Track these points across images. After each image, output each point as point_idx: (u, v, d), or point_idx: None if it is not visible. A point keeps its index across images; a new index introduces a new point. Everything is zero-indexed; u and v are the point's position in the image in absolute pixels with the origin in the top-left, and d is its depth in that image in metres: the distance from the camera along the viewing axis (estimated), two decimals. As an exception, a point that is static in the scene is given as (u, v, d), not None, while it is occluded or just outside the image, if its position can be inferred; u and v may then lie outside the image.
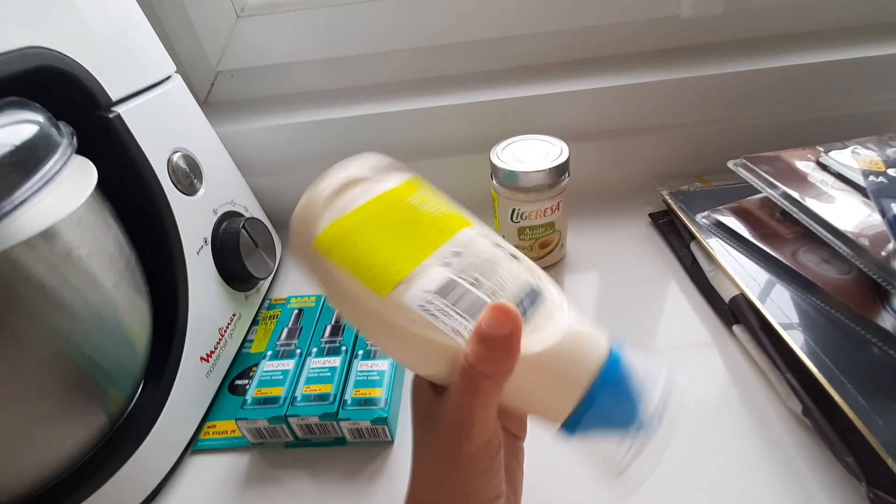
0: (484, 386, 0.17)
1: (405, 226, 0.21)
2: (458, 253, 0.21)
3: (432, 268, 0.20)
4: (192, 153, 0.36)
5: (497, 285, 0.20)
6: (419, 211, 0.22)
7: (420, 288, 0.19)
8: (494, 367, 0.17)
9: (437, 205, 0.23)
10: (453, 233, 0.22)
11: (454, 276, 0.20)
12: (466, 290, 0.20)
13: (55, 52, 0.27)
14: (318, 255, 0.20)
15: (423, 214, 0.22)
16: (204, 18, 0.48)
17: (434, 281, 0.20)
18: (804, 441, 0.29)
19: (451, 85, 0.50)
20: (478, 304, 0.20)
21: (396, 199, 0.22)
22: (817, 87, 0.47)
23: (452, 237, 0.21)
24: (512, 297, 0.20)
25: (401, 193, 0.22)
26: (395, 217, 0.21)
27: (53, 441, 0.26)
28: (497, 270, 0.21)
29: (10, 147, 0.21)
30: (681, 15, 0.49)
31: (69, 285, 0.23)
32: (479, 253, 0.21)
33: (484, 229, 0.23)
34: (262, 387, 0.33)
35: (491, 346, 0.17)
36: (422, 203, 0.22)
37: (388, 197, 0.22)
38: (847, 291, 0.33)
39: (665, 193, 0.47)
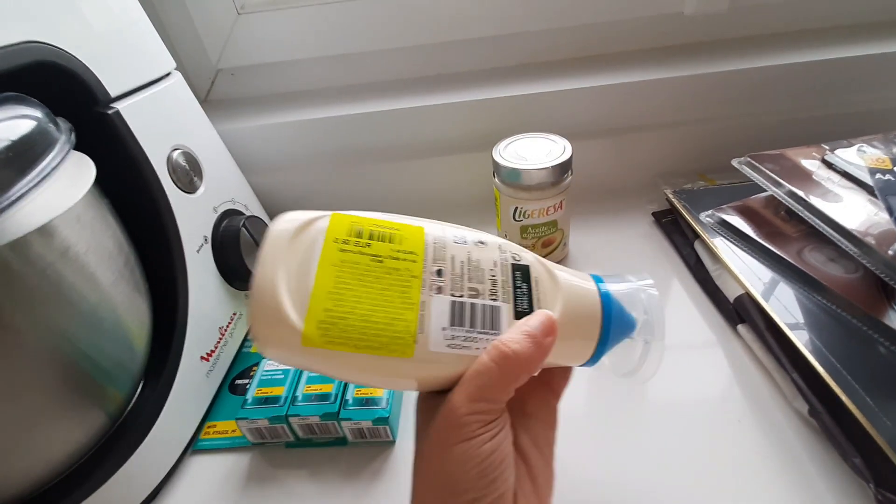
0: (514, 371, 0.19)
1: (372, 271, 0.20)
2: (439, 271, 0.21)
3: (431, 301, 0.20)
4: (192, 151, 0.36)
5: (491, 283, 0.21)
6: (372, 247, 0.20)
7: (435, 327, 0.19)
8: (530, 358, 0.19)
9: (381, 228, 0.21)
10: (420, 251, 0.21)
11: (454, 297, 0.20)
12: (472, 304, 0.20)
13: (53, 48, 0.26)
14: (313, 350, 0.18)
15: (379, 248, 0.20)
16: (204, 16, 0.47)
17: (443, 314, 0.20)
18: (810, 441, 0.28)
19: (453, 82, 0.50)
20: (490, 311, 0.20)
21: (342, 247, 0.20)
22: (822, 84, 0.47)
23: (422, 257, 0.21)
24: (509, 285, 0.21)
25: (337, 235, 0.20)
26: (357, 267, 0.20)
27: (52, 440, 0.25)
28: (481, 267, 0.21)
29: (6, 142, 0.21)
30: (684, 12, 0.48)
31: (67, 282, 0.23)
32: (455, 258, 0.21)
33: (432, 225, 0.22)
34: (262, 386, 0.33)
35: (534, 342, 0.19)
36: (367, 238, 0.21)
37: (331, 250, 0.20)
38: (853, 290, 0.33)
39: (668, 192, 0.46)
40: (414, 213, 0.24)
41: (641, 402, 0.32)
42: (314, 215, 0.21)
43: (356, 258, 0.20)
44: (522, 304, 0.21)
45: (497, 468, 0.18)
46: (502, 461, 0.18)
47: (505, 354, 0.19)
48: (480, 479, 0.18)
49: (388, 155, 0.50)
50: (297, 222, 0.20)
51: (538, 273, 0.22)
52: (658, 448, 0.30)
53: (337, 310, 0.19)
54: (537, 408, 0.22)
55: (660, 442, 0.30)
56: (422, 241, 0.21)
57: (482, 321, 0.20)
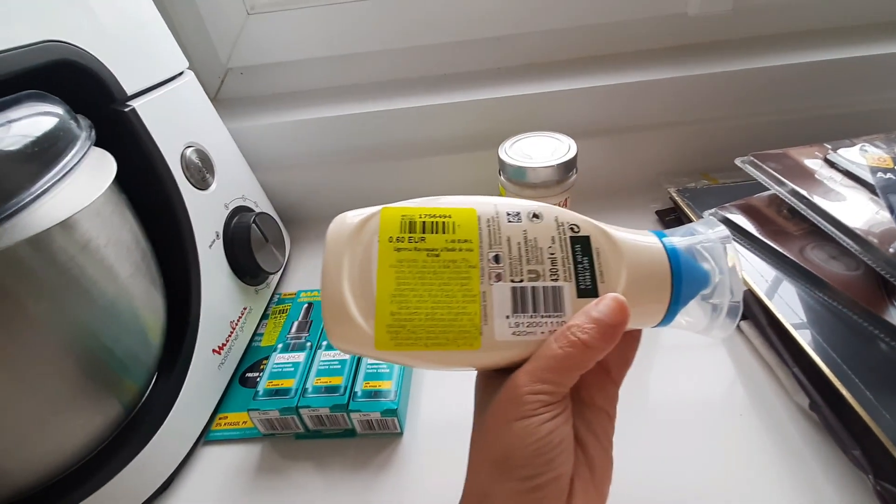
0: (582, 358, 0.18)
1: (430, 267, 0.20)
2: (497, 257, 0.20)
3: (492, 290, 0.20)
4: (204, 148, 0.37)
5: (551, 262, 0.20)
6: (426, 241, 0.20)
7: (499, 316, 0.19)
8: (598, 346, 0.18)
9: (432, 217, 0.21)
10: (474, 237, 0.20)
11: (514, 283, 0.20)
12: (533, 288, 0.20)
13: (73, 46, 0.27)
14: (387, 352, 0.19)
15: (434, 241, 0.20)
16: (215, 16, 0.48)
17: (505, 302, 0.20)
18: (811, 435, 0.29)
19: (459, 82, 0.51)
20: (552, 293, 0.20)
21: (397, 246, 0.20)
22: (825, 84, 0.47)
23: (478, 243, 0.20)
24: (569, 262, 0.20)
25: (390, 233, 0.20)
26: (415, 266, 0.20)
27: (70, 429, 0.26)
28: (538, 246, 0.20)
29: (31, 138, 0.22)
30: (688, 13, 0.49)
31: (87, 275, 0.24)
32: (511, 240, 0.20)
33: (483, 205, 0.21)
34: (273, 378, 0.33)
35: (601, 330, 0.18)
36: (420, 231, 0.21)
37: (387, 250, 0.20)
38: (855, 287, 0.33)
39: (672, 190, 0.47)
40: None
41: (644, 397, 0.33)
42: (366, 214, 0.21)
43: (413, 255, 0.20)
44: (585, 281, 0.20)
45: (555, 449, 0.18)
46: (560, 443, 0.18)
47: (573, 343, 0.18)
48: (537, 456, 0.18)
49: (395, 153, 0.51)
50: (351, 225, 0.20)
51: (599, 243, 0.21)
52: (660, 441, 0.30)
53: (402, 312, 0.19)
54: (597, 396, 0.21)
55: (662, 435, 0.30)
56: (475, 224, 0.21)
57: (545, 304, 0.20)
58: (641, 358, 0.35)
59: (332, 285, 0.19)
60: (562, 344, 0.18)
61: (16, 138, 0.21)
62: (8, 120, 0.22)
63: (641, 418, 0.32)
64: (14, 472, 0.25)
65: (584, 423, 0.21)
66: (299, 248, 0.51)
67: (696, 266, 0.21)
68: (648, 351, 0.36)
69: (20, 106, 0.23)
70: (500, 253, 0.20)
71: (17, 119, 0.22)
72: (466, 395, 0.23)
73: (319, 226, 0.54)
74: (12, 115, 0.22)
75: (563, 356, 0.18)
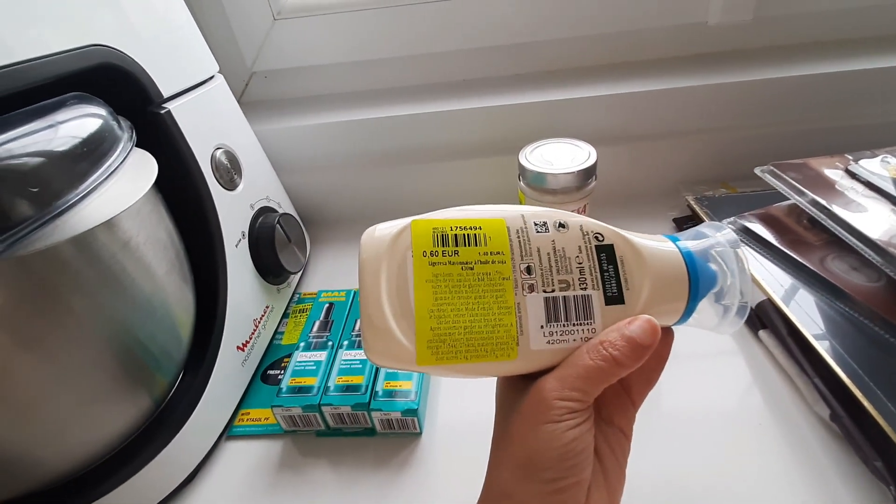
0: (611, 372, 0.19)
1: (466, 281, 0.20)
2: (529, 269, 0.21)
3: (525, 301, 0.20)
4: (232, 150, 0.38)
5: (579, 271, 0.21)
6: (460, 255, 0.21)
7: (534, 327, 0.20)
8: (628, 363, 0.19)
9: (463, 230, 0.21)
10: (506, 249, 0.21)
11: (546, 294, 0.21)
12: (565, 298, 0.21)
13: (115, 51, 0.28)
14: (428, 367, 0.20)
15: (467, 254, 0.21)
16: (242, 21, 0.49)
17: (539, 313, 0.20)
18: (831, 445, 0.29)
19: (480, 88, 0.51)
20: (583, 302, 0.21)
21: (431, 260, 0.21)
22: (845, 95, 0.47)
23: (510, 255, 0.21)
24: (596, 270, 0.21)
25: (423, 247, 0.21)
26: (450, 280, 0.20)
27: (104, 420, 0.27)
28: (567, 256, 0.21)
29: (79, 139, 0.23)
30: (709, 22, 0.49)
31: (127, 272, 0.25)
32: (541, 251, 0.21)
33: (511, 216, 0.22)
34: (296, 376, 0.34)
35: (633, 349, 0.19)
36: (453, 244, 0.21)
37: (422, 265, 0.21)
38: (876, 299, 0.33)
39: (690, 198, 0.47)
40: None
41: (663, 404, 0.33)
42: (397, 228, 0.21)
43: (448, 270, 0.20)
44: (612, 289, 0.21)
45: (578, 455, 0.19)
46: (583, 450, 0.19)
47: (605, 357, 0.19)
48: (562, 461, 0.18)
49: (415, 157, 0.51)
50: (384, 240, 0.21)
51: (622, 251, 0.22)
52: (679, 451, 0.30)
53: (441, 327, 0.20)
54: (616, 416, 0.22)
55: (681, 444, 0.31)
56: (506, 236, 0.21)
57: (576, 313, 0.21)
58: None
59: (373, 303, 0.20)
60: (594, 357, 0.19)
61: (64, 139, 0.22)
62: (57, 121, 0.23)
63: (660, 425, 0.32)
64: (51, 460, 0.26)
65: (603, 437, 0.21)
66: (319, 249, 0.52)
67: (710, 269, 0.22)
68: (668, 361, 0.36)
69: (67, 108, 0.24)
70: (532, 264, 0.21)
71: (65, 121, 0.23)
72: (485, 396, 0.24)
73: (339, 227, 0.55)
74: (60, 117, 0.23)
75: (595, 368, 0.19)
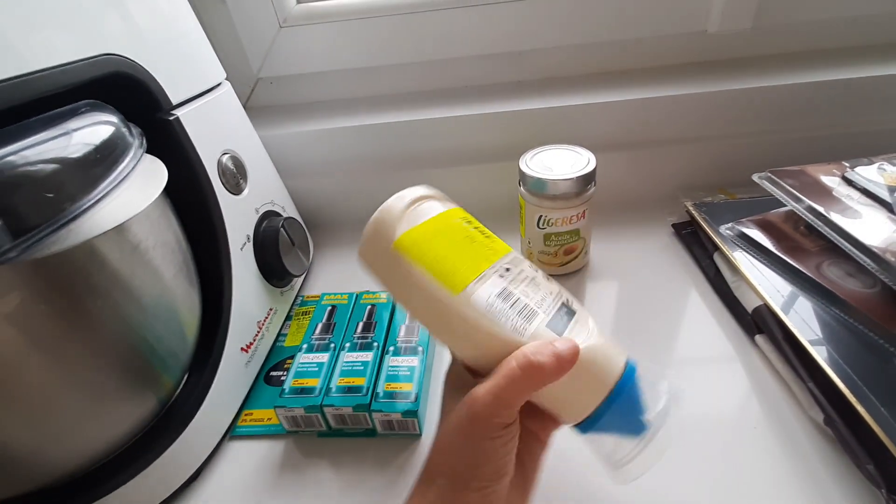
0: (533, 380, 0.21)
1: (466, 241, 0.25)
2: (508, 269, 0.25)
3: (491, 277, 0.24)
4: (238, 155, 0.38)
5: (541, 299, 0.25)
6: (473, 231, 0.26)
7: (485, 291, 0.23)
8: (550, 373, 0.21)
9: (484, 230, 0.27)
10: (502, 253, 0.26)
11: (509, 286, 0.24)
12: (519, 298, 0.24)
13: (126, 59, 0.29)
14: (398, 253, 0.23)
15: (477, 234, 0.26)
16: (248, 28, 0.50)
17: (496, 287, 0.24)
18: (825, 449, 0.29)
19: (482, 94, 0.52)
20: (529, 311, 0.24)
21: (454, 219, 0.26)
22: (844, 102, 0.48)
23: (502, 256, 0.26)
24: (553, 308, 0.24)
25: (455, 214, 0.27)
26: (456, 232, 0.25)
27: (112, 419, 0.28)
28: (539, 287, 0.25)
29: (92, 146, 0.24)
30: (708, 30, 0.50)
31: (136, 274, 0.25)
32: (524, 271, 0.26)
33: (522, 256, 0.27)
34: (298, 377, 0.35)
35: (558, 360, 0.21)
36: (473, 226, 0.27)
37: (448, 215, 0.26)
38: (871, 305, 0.34)
39: (689, 204, 0.47)
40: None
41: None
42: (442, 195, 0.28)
43: (457, 227, 0.26)
44: (556, 325, 0.24)
45: (508, 465, 0.22)
46: (512, 459, 0.22)
47: (530, 363, 0.21)
48: (495, 473, 0.21)
49: (418, 162, 0.52)
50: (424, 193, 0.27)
51: (580, 318, 0.25)
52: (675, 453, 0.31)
53: (425, 242, 0.24)
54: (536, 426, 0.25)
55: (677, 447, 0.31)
56: (507, 250, 0.27)
57: (519, 312, 0.23)
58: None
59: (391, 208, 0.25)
60: (520, 363, 0.21)
61: (78, 146, 0.23)
62: (71, 129, 0.23)
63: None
64: (59, 458, 0.27)
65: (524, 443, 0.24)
66: (322, 253, 0.53)
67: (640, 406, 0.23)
68: (665, 364, 0.36)
69: (80, 116, 0.25)
70: (512, 269, 0.25)
71: (78, 128, 0.24)
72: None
73: (342, 231, 0.55)
74: (74, 125, 0.24)
75: (520, 373, 0.21)
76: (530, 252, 0.45)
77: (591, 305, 0.43)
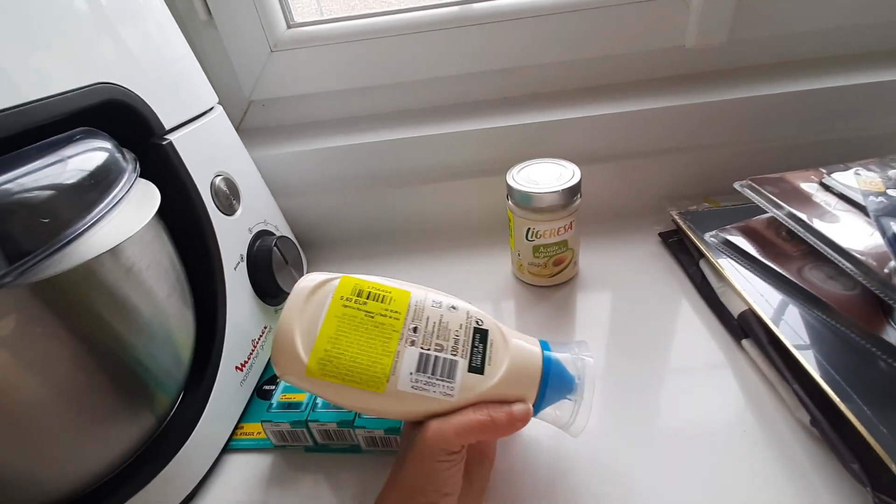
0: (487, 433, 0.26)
1: (366, 326, 0.27)
2: (415, 329, 0.27)
3: (404, 351, 0.26)
4: (231, 176, 0.39)
5: (455, 341, 0.27)
6: (370, 307, 0.27)
7: (404, 372, 0.26)
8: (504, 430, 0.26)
9: (377, 290, 0.28)
10: (404, 312, 0.27)
11: (423, 350, 0.26)
12: (436, 357, 0.27)
13: (120, 87, 0.30)
14: (313, 379, 0.25)
15: (374, 306, 0.27)
16: (240, 53, 0.52)
17: (412, 362, 0.26)
18: (812, 449, 0.30)
19: (468, 111, 0.53)
20: (449, 364, 0.26)
21: (346, 303, 0.27)
22: (820, 111, 0.49)
23: (405, 317, 0.27)
24: (468, 345, 0.27)
25: (344, 292, 0.28)
26: (355, 323, 0.27)
27: (108, 439, 0.28)
28: (448, 328, 0.28)
29: (86, 172, 0.24)
30: (686, 45, 0.51)
31: (131, 296, 0.26)
32: (429, 319, 0.28)
33: (418, 291, 0.29)
34: (287, 392, 0.35)
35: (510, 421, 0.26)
36: (365, 297, 0.28)
37: (337, 304, 0.27)
38: (852, 307, 0.34)
39: (674, 213, 0.49)
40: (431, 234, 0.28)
41: (651, 414, 0.34)
42: (329, 277, 0.28)
43: (354, 312, 0.27)
44: (476, 361, 0.27)
45: (452, 484, 0.25)
46: (456, 480, 0.26)
47: (492, 419, 0.26)
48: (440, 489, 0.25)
49: (408, 180, 0.53)
50: (314, 282, 0.28)
51: (494, 337, 0.28)
52: (666, 456, 0.31)
53: (333, 350, 0.26)
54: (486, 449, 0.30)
55: (668, 450, 0.31)
56: (407, 302, 0.28)
57: (441, 371, 0.26)
58: (649, 377, 0.37)
59: (287, 324, 0.26)
60: (481, 415, 0.26)
61: (73, 172, 0.24)
62: (66, 156, 0.24)
63: (647, 434, 0.33)
64: (55, 480, 0.27)
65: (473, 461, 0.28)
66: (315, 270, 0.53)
67: (565, 375, 0.28)
68: (655, 370, 0.37)
69: (75, 143, 0.26)
70: (419, 326, 0.27)
71: (73, 155, 0.25)
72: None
73: (335, 248, 0.56)
74: (69, 152, 0.25)
75: (477, 423, 0.25)
76: (520, 264, 0.46)
77: (582, 315, 0.43)
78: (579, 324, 0.42)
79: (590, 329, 0.42)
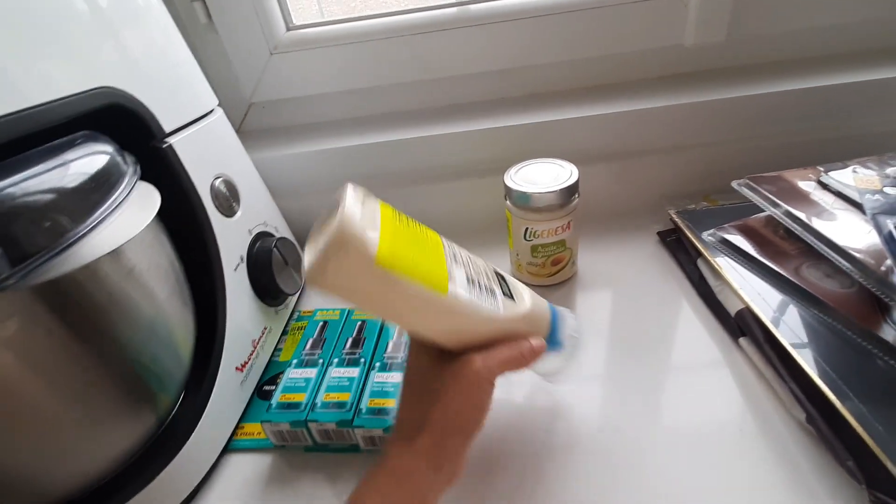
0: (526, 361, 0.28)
1: (419, 237, 0.26)
2: (455, 256, 0.28)
3: (453, 268, 0.26)
4: (231, 178, 0.40)
5: (485, 273, 0.29)
6: (412, 226, 0.27)
7: (460, 285, 0.26)
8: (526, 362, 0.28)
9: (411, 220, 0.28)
10: (439, 242, 0.28)
11: (466, 272, 0.27)
12: (477, 280, 0.28)
13: (121, 92, 0.30)
14: (384, 269, 0.22)
15: (416, 227, 0.27)
16: (240, 56, 0.52)
17: (462, 277, 0.27)
18: (807, 446, 0.30)
19: (466, 112, 0.54)
20: (489, 289, 0.28)
21: (394, 216, 0.26)
22: (818, 109, 0.49)
23: (442, 246, 0.28)
24: (495, 280, 0.29)
25: (389, 210, 0.26)
26: (409, 230, 0.26)
27: (111, 439, 0.28)
28: (478, 265, 0.29)
29: (87, 175, 0.25)
30: (684, 44, 0.51)
31: (131, 297, 0.26)
32: (462, 255, 0.29)
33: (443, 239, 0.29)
34: (286, 392, 0.35)
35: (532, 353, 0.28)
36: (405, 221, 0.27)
37: (388, 214, 0.26)
38: (849, 305, 0.34)
39: (672, 212, 0.49)
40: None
41: (650, 412, 0.34)
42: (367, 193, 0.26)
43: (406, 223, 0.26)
44: (505, 289, 0.29)
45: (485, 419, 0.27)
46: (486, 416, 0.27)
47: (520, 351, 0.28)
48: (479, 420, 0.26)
49: (407, 180, 0.53)
50: (361, 192, 0.25)
51: (512, 282, 0.31)
52: (665, 453, 0.31)
53: (398, 248, 0.24)
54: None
55: (667, 447, 0.32)
56: (439, 238, 0.28)
57: (487, 294, 0.27)
58: (646, 375, 0.37)
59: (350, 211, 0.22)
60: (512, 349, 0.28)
61: (74, 176, 0.24)
62: (68, 160, 0.25)
63: (644, 431, 0.33)
64: (58, 480, 0.27)
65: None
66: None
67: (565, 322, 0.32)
68: (653, 368, 0.37)
69: (76, 147, 0.26)
70: (457, 255, 0.28)
71: (74, 159, 0.25)
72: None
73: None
74: (70, 156, 0.25)
75: (517, 354, 0.28)
76: (519, 264, 0.46)
77: (581, 314, 0.43)
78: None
79: (588, 328, 0.42)
